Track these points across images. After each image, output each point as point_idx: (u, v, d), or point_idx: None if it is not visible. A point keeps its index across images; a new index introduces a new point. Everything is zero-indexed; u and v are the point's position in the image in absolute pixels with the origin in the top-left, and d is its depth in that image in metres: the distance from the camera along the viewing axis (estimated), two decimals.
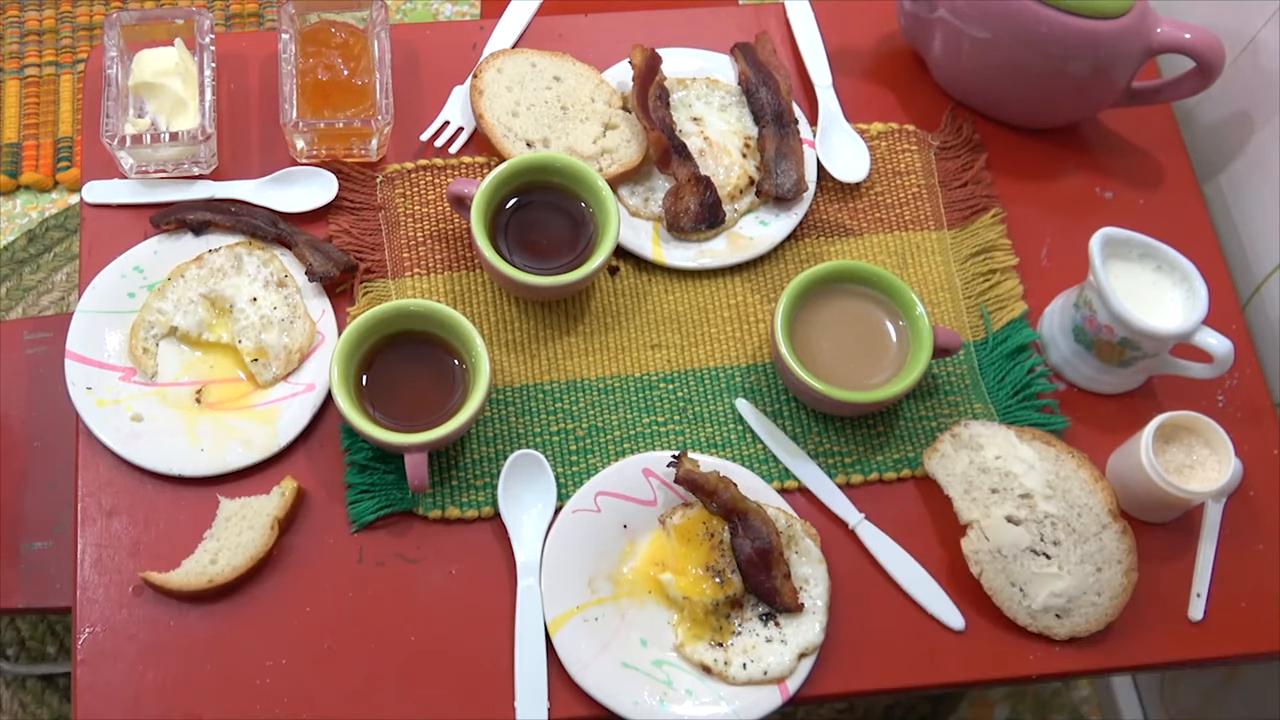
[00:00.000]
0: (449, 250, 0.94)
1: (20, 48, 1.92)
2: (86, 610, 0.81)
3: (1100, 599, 0.81)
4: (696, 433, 0.89)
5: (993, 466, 0.83)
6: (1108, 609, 0.81)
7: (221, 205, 0.93)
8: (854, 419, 0.89)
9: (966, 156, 1.00)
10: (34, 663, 1.46)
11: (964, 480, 0.84)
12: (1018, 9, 0.90)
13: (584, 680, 0.79)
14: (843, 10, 1.06)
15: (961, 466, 0.84)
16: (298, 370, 0.88)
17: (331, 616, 0.82)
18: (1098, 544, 0.81)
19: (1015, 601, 0.82)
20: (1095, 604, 0.81)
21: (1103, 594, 0.81)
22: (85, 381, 0.86)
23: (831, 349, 0.87)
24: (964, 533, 0.83)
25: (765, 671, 0.79)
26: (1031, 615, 0.82)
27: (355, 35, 0.96)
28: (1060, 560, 0.81)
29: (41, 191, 1.82)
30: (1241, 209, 1.01)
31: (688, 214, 0.93)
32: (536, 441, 0.87)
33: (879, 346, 0.88)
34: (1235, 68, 1.00)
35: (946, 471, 0.85)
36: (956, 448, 0.85)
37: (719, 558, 0.82)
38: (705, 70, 1.02)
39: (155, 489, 0.85)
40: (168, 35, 0.96)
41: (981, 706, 1.51)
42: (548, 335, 0.91)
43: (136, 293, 0.90)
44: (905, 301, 0.87)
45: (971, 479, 0.84)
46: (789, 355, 0.84)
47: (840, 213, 0.97)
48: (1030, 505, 0.82)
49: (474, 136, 0.99)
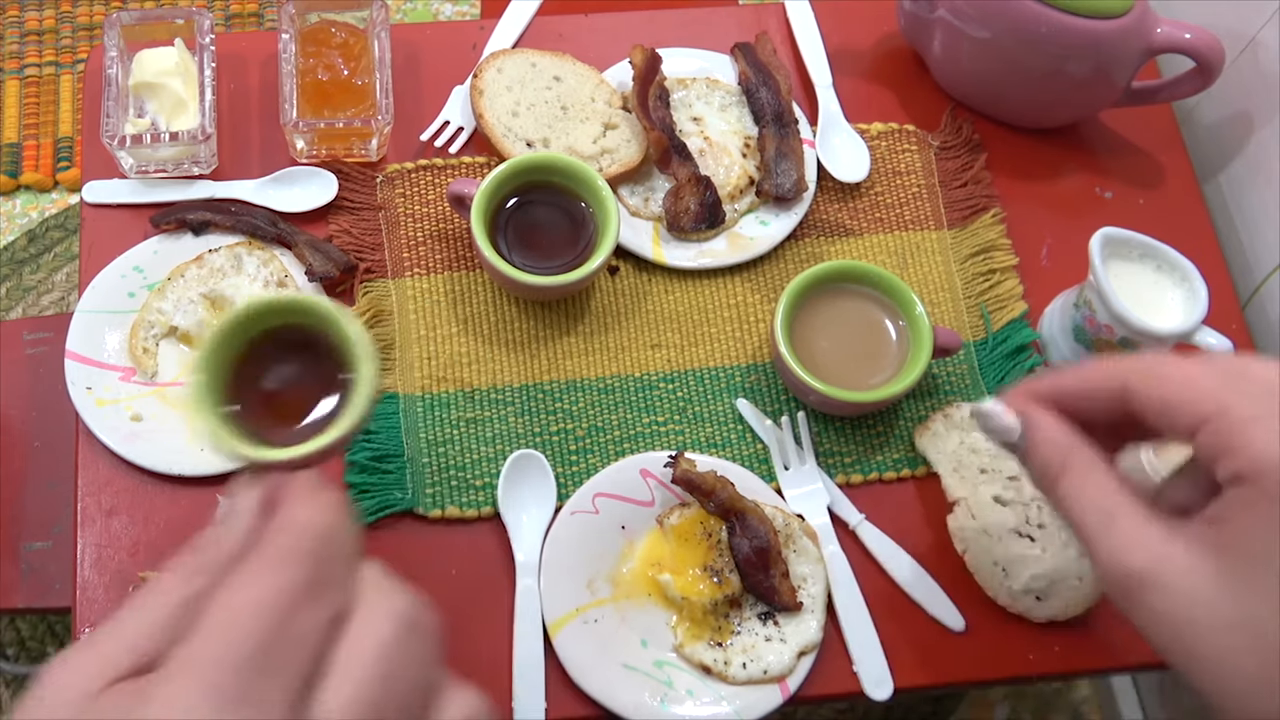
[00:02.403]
0: (449, 250, 0.94)
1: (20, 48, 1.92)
2: (86, 610, 0.81)
3: (1081, 584, 0.81)
4: (696, 432, 0.89)
5: (983, 447, 0.84)
6: (1089, 593, 0.81)
7: (221, 205, 0.93)
8: (854, 419, 0.89)
9: (966, 156, 1.00)
10: (34, 663, 1.46)
11: (954, 459, 0.85)
12: (1018, 9, 0.90)
13: (585, 682, 0.79)
14: (843, 10, 1.06)
15: (952, 446, 0.85)
16: None
17: None
18: None
19: (997, 581, 0.82)
20: (1075, 588, 0.81)
21: (1084, 579, 0.81)
22: (85, 381, 0.86)
23: (831, 349, 0.87)
24: (950, 510, 0.83)
25: (765, 670, 0.80)
26: (1012, 596, 0.82)
27: (355, 35, 0.96)
28: (1044, 543, 0.81)
29: (41, 191, 1.82)
30: (1241, 209, 1.01)
31: (688, 214, 0.93)
32: (536, 441, 0.87)
33: (879, 346, 0.88)
34: (1235, 68, 1.00)
35: (937, 450, 0.86)
36: (948, 427, 0.86)
37: (717, 557, 0.82)
38: (705, 70, 1.02)
39: (155, 489, 0.85)
40: (168, 35, 0.96)
41: (981, 706, 1.51)
42: (548, 335, 0.91)
43: (136, 293, 0.90)
44: (905, 301, 0.87)
45: (961, 458, 0.85)
46: (789, 355, 0.84)
47: (840, 213, 0.97)
48: (1018, 487, 0.82)
49: (474, 136, 0.99)
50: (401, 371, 0.89)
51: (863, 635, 0.82)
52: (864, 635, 0.82)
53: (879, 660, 0.81)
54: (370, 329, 0.90)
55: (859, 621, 0.82)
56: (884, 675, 0.81)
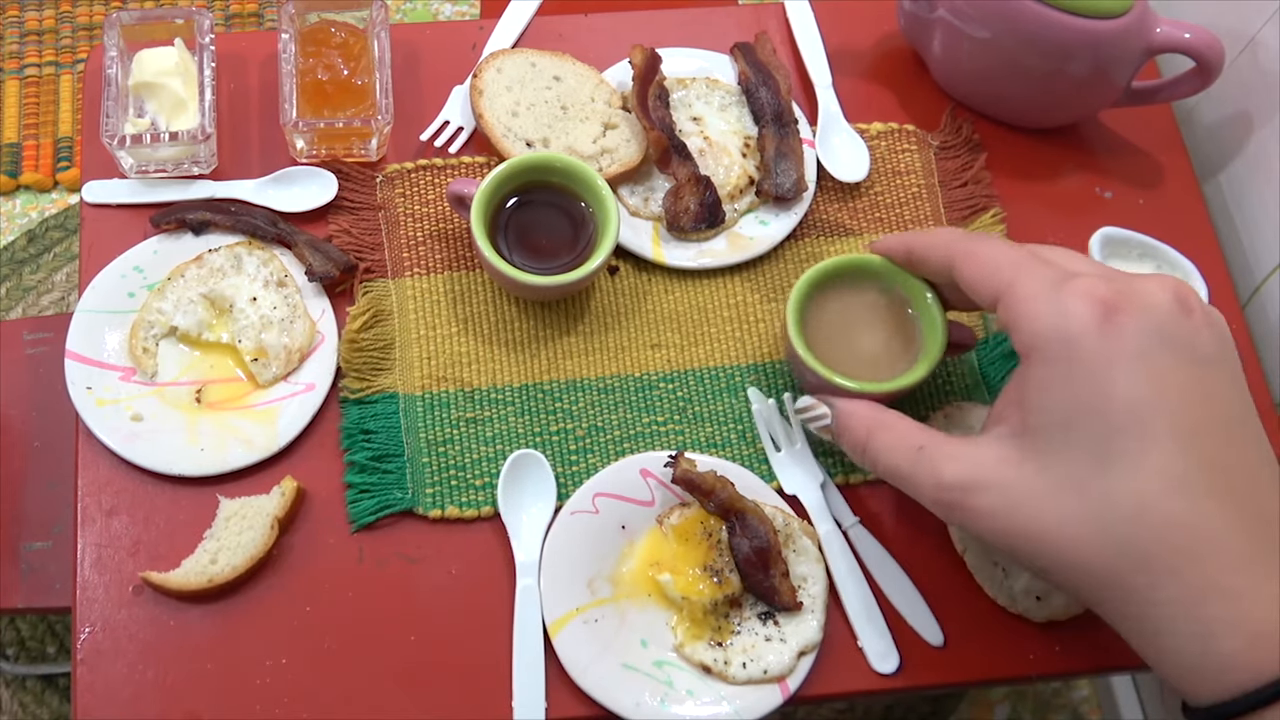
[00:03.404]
0: (449, 250, 0.94)
1: (20, 48, 1.92)
2: (86, 610, 0.81)
3: None
4: (696, 432, 0.89)
5: None
6: None
7: (221, 205, 0.93)
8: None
9: (966, 156, 1.00)
10: (34, 663, 1.46)
11: None
12: (1018, 9, 0.90)
13: (585, 682, 0.79)
14: (843, 10, 1.06)
15: None
16: (298, 370, 0.88)
17: (331, 616, 0.82)
18: None
19: (997, 582, 0.82)
20: None
21: None
22: (85, 381, 0.86)
23: (845, 344, 0.85)
24: None
25: (765, 670, 0.80)
26: (1012, 596, 0.82)
27: (355, 35, 0.96)
28: None
29: (41, 191, 1.83)
30: (1241, 209, 1.01)
31: (688, 214, 0.93)
32: (536, 441, 0.87)
33: (892, 340, 0.84)
34: (1235, 68, 1.00)
35: None
36: (949, 426, 0.86)
37: (717, 557, 0.82)
38: (705, 70, 1.02)
39: (155, 489, 0.85)
40: (168, 35, 0.96)
41: (981, 706, 1.51)
42: (548, 335, 0.91)
43: (136, 293, 0.90)
44: (915, 291, 0.83)
45: None
46: (806, 352, 0.81)
47: (840, 212, 0.97)
48: None
49: (474, 136, 0.99)
50: (401, 371, 0.89)
51: (864, 610, 0.82)
52: (866, 610, 0.82)
53: (882, 632, 0.82)
54: (369, 329, 0.90)
55: (859, 595, 0.82)
56: (889, 649, 0.81)
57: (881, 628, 0.82)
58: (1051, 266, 0.65)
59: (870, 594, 0.83)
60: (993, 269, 0.67)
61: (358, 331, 0.90)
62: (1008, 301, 0.65)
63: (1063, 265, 0.66)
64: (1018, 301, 0.64)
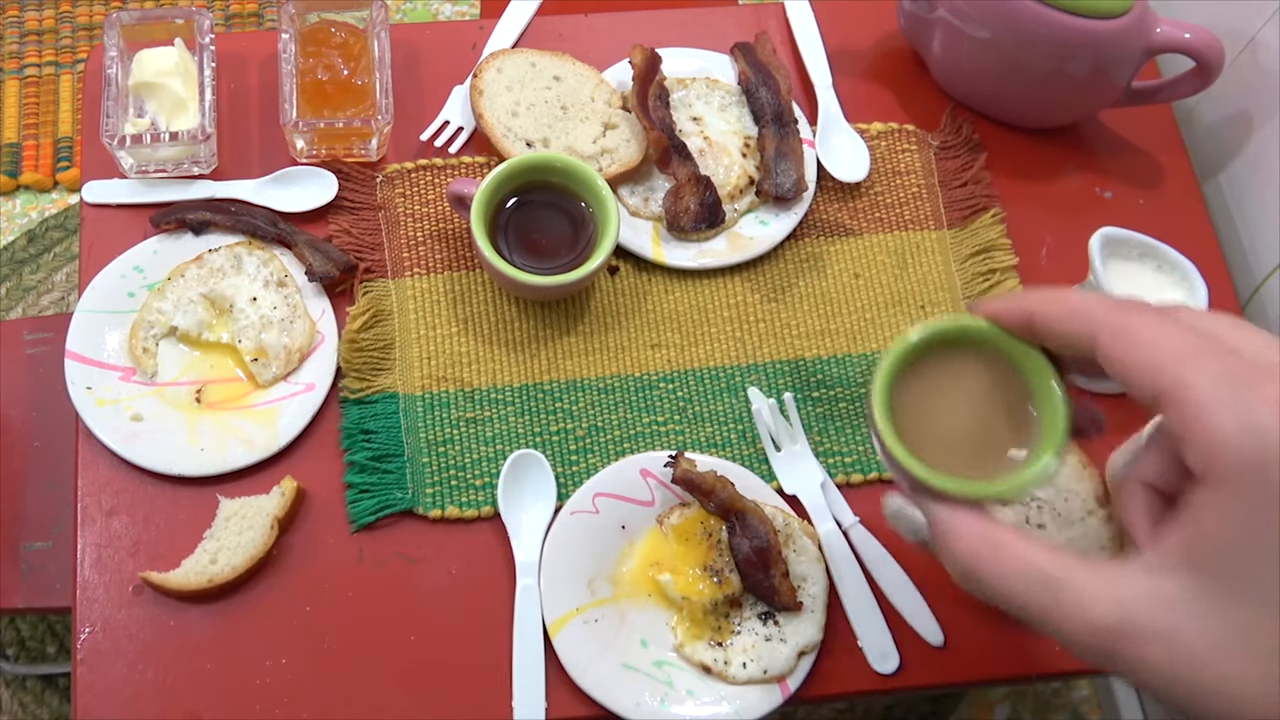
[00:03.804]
0: (449, 250, 0.94)
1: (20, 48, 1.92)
2: (86, 610, 0.81)
3: None
4: (696, 432, 0.89)
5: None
6: None
7: (221, 205, 0.93)
8: (855, 418, 0.89)
9: (966, 156, 1.00)
10: (34, 663, 1.46)
11: None
12: (1018, 9, 0.90)
13: (585, 682, 0.79)
14: (843, 10, 1.06)
15: None
16: (298, 370, 0.88)
17: (331, 616, 0.82)
18: (1082, 529, 0.81)
19: None
20: None
21: None
22: (85, 381, 0.86)
23: (940, 428, 0.64)
24: None
25: (765, 670, 0.80)
26: None
27: (355, 35, 0.96)
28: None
29: (41, 191, 1.82)
30: (1241, 209, 1.01)
31: (688, 214, 0.93)
32: (536, 441, 0.87)
33: (995, 420, 0.64)
34: (1235, 68, 1.00)
35: None
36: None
37: (717, 557, 0.82)
38: (705, 70, 1.02)
39: (155, 489, 0.85)
40: (168, 35, 0.96)
41: (981, 706, 1.51)
42: (548, 335, 0.91)
43: (136, 293, 0.90)
44: (1033, 367, 0.61)
45: None
46: (895, 444, 0.61)
47: (840, 212, 0.97)
48: None
49: (474, 136, 0.99)
50: (401, 371, 0.89)
51: (864, 610, 0.82)
52: (866, 610, 0.82)
53: (883, 632, 0.82)
54: (369, 329, 0.90)
55: (860, 595, 0.82)
56: (889, 649, 0.81)
57: (881, 628, 0.82)
58: (1234, 357, 0.51)
59: (870, 594, 0.83)
60: (1154, 358, 0.53)
61: (358, 331, 0.90)
62: (1179, 407, 0.51)
63: (1246, 354, 0.52)
64: (1192, 407, 0.51)
